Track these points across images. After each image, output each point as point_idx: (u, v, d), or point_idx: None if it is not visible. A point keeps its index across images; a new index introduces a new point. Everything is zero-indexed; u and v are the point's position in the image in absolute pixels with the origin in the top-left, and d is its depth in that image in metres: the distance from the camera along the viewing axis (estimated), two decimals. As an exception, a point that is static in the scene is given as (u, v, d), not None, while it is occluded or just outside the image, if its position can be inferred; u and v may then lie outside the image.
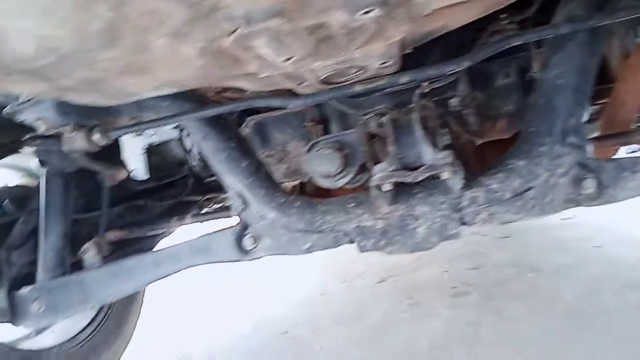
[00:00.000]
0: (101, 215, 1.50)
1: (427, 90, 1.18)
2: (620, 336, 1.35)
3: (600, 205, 1.05)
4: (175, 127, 1.79)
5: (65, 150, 1.18)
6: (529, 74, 1.30)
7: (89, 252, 1.34)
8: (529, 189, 0.96)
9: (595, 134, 1.34)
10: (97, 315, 1.69)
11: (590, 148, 0.98)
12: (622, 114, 1.32)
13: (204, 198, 1.95)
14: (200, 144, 1.13)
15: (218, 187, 1.82)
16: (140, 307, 1.91)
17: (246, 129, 1.59)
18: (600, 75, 1.37)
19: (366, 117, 1.25)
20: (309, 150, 0.98)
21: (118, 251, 1.46)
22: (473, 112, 1.35)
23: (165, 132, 1.93)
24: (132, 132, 1.16)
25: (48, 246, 1.36)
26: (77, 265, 1.42)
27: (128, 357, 1.87)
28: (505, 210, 0.96)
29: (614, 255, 2.26)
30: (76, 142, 1.11)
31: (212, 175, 1.77)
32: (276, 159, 1.58)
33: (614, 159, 1.05)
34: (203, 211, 1.76)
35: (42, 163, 1.34)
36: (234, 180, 1.08)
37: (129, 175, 1.81)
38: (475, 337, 1.53)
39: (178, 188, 1.86)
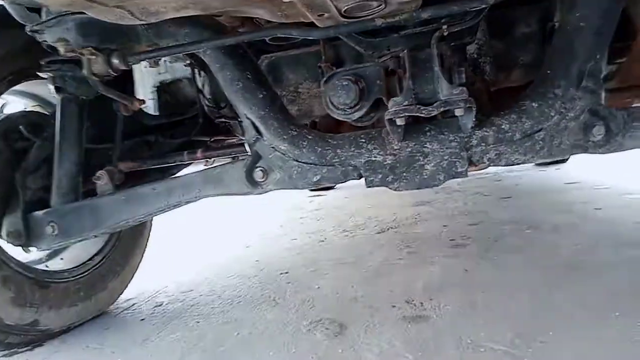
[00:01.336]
0: (114, 146, 1.52)
1: (445, 34, 1.16)
2: (612, 287, 1.39)
3: (607, 153, 1.07)
4: (188, 65, 1.79)
5: (84, 75, 1.19)
6: (550, 24, 1.29)
7: (102, 179, 1.37)
8: (539, 131, 0.97)
9: (612, 86, 1.35)
10: (104, 245, 1.74)
11: (603, 94, 0.99)
12: (638, 68, 1.32)
13: (212, 139, 1.97)
14: (217, 74, 1.14)
15: (227, 129, 1.84)
16: (147, 240, 1.96)
17: (261, 66, 1.59)
18: (624, 32, 1.37)
19: (382, 59, 1.24)
20: (326, 81, 0.99)
21: (130, 182, 1.50)
22: (490, 60, 1.35)
23: (178, 70, 1.93)
24: (150, 58, 1.17)
25: (62, 172, 1.39)
26: (90, 194, 1.46)
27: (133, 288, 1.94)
28: (513, 150, 0.98)
29: (614, 217, 2.30)
30: (95, 65, 1.12)
31: (222, 117, 1.78)
32: (288, 99, 1.59)
33: (625, 108, 1.06)
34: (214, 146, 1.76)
35: (58, 89, 1.35)
36: (248, 111, 1.10)
37: (141, 109, 1.83)
38: (471, 282, 1.58)
39: (187, 127, 1.87)
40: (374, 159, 1.03)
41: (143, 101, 1.50)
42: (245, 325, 1.45)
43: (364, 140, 1.05)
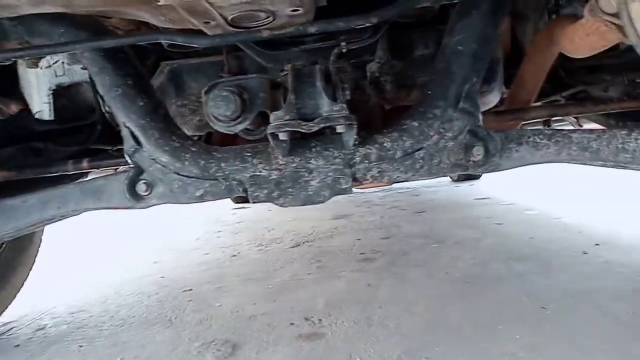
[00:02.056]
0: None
1: (344, 50, 1.16)
2: (499, 301, 1.45)
3: (486, 172, 1.11)
4: (86, 68, 1.67)
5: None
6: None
7: (-34, 189, 1.23)
8: (419, 149, 0.99)
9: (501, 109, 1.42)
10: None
11: (480, 116, 1.03)
12: (523, 92, 1.39)
13: (115, 148, 1.85)
14: (95, 78, 1.06)
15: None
16: (34, 257, 1.80)
17: (161, 76, 1.52)
18: (516, 59, 1.45)
19: (284, 73, 1.22)
20: (206, 91, 0.95)
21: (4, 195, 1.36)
22: (391, 79, 1.37)
23: (77, 73, 1.80)
24: (20, 57, 1.07)
25: None
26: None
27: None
28: (394, 168, 0.99)
29: (511, 232, 2.44)
30: (-45, 62, 1.00)
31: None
32: (189, 109, 1.52)
33: (502, 130, 1.11)
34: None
35: None
36: (127, 119, 1.03)
37: (29, 114, 1.68)
38: (372, 297, 1.59)
39: (85, 134, 1.75)
40: (259, 173, 1.00)
41: (23, 105, 1.37)
42: (131, 349, 1.35)
43: (249, 155, 1.01)
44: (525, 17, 1.52)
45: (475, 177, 5.25)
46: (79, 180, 1.23)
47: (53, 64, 1.89)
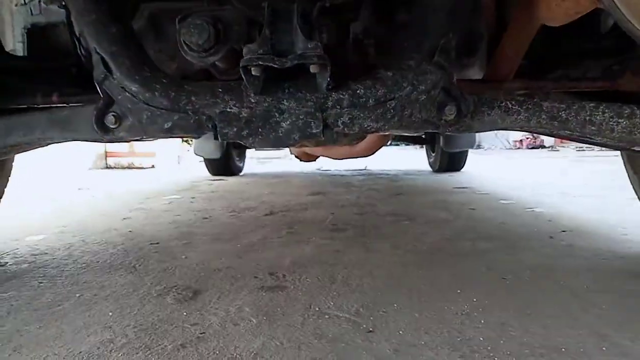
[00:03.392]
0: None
1: (327, 4, 1.15)
2: (461, 271, 1.48)
3: (456, 132, 1.12)
4: (63, 7, 1.63)
5: None
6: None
7: None
8: (391, 99, 0.99)
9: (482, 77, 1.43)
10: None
11: (454, 75, 1.04)
12: (502, 65, 1.40)
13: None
14: (69, 3, 1.04)
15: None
16: (3, 190, 1.75)
17: (140, 19, 1.49)
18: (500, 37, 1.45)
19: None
20: (180, 20, 0.94)
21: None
22: (373, 43, 1.36)
23: (54, 13, 1.75)
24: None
25: None
26: None
27: None
28: (366, 116, 0.99)
29: (483, 217, 2.48)
30: None
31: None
32: (168, 55, 1.50)
33: (477, 91, 1.12)
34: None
35: None
36: (98, 45, 1.01)
37: (2, 49, 1.64)
38: (337, 260, 1.60)
39: (59, 76, 1.70)
40: (229, 110, 0.99)
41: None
42: (91, 288, 1.34)
43: (221, 90, 1.00)
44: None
45: (456, 169, 5.32)
46: (46, 107, 1.19)
47: (29, 2, 1.84)
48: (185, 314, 1.15)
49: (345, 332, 1.04)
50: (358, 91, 0.99)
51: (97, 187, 4.30)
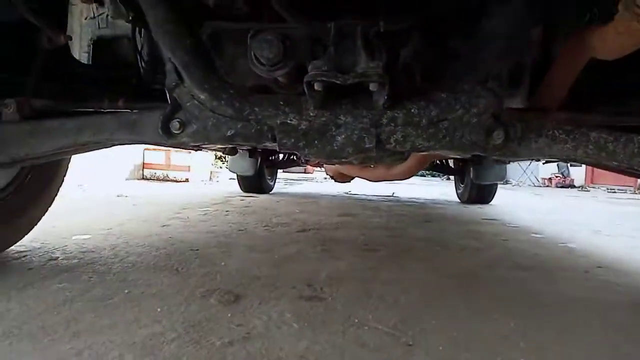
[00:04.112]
0: (29, 80, 1.45)
1: (382, 30, 1.21)
2: (499, 296, 1.48)
3: (503, 157, 1.16)
4: (129, 21, 1.75)
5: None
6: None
7: (9, 108, 1.30)
8: (443, 120, 1.04)
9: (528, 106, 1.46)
10: (4, 188, 1.64)
11: (505, 100, 1.08)
12: (548, 96, 1.43)
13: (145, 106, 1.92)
14: (148, 12, 1.12)
15: (162, 96, 1.81)
16: (54, 196, 1.86)
17: (203, 35, 1.58)
18: (544, 70, 1.49)
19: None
20: (252, 36, 1.01)
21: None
22: (421, 69, 1.41)
23: (119, 27, 1.88)
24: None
25: (-34, 93, 1.30)
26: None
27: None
28: (418, 134, 1.04)
29: (516, 247, 2.46)
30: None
31: (158, 83, 1.74)
32: (224, 71, 1.59)
33: (525, 119, 1.15)
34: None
35: (-24, 5, 1.28)
36: (172, 55, 1.09)
37: (74, 57, 1.76)
38: (373, 277, 1.62)
39: (120, 86, 1.82)
40: (289, 122, 1.05)
41: (69, 37, 1.44)
42: (139, 285, 1.40)
43: (282, 103, 1.07)
44: (558, 29, 1.56)
45: (485, 201, 5.28)
46: (115, 111, 1.28)
47: (97, 16, 1.98)
48: (229, 315, 1.19)
49: (385, 343, 1.06)
50: (412, 110, 1.04)
51: (135, 196, 4.44)
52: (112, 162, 6.33)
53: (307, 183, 9.32)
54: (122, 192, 4.74)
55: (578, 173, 14.84)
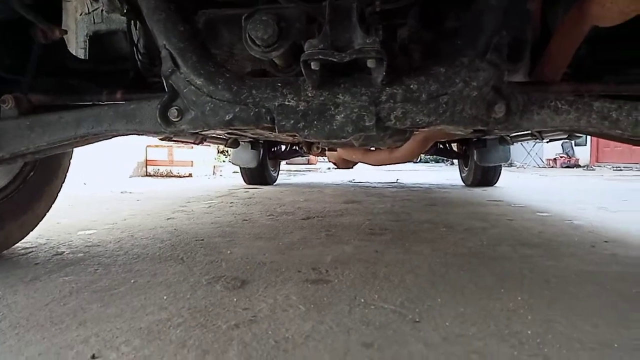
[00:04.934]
0: (26, 77, 1.44)
1: (377, 9, 1.20)
2: (504, 272, 1.48)
3: (505, 130, 1.15)
4: (124, 15, 1.73)
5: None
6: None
7: (7, 104, 1.30)
8: (443, 94, 1.03)
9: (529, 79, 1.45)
10: (5, 186, 1.64)
11: (506, 72, 1.06)
12: (549, 68, 1.42)
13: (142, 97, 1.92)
14: (141, 2, 1.12)
15: (160, 88, 1.80)
16: (57, 192, 1.86)
17: (198, 24, 1.57)
18: (543, 44, 1.47)
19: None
20: (247, 17, 1.00)
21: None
22: (418, 48, 1.40)
23: (114, 22, 1.87)
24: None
25: (-38, 90, 1.30)
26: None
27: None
28: (418, 110, 1.03)
29: (521, 226, 2.45)
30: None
31: (155, 75, 1.74)
32: (221, 59, 1.58)
33: (526, 91, 1.14)
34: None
35: (-30, 2, 1.27)
36: (167, 42, 1.09)
37: (69, 52, 1.75)
38: (378, 259, 1.62)
39: (116, 79, 1.81)
40: (287, 103, 1.04)
41: (65, 31, 1.43)
42: (144, 275, 1.41)
43: (279, 85, 1.06)
44: (557, 1, 1.54)
45: (489, 183, 5.26)
46: (113, 103, 1.28)
47: (92, 11, 1.97)
48: (235, 300, 1.20)
49: (392, 321, 1.06)
50: (411, 86, 1.03)
51: (140, 192, 4.46)
52: (115, 160, 6.35)
53: (311, 173, 9.32)
54: (126, 188, 4.75)
55: (583, 153, 14.75)
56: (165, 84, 1.13)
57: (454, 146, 5.54)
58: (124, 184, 5.55)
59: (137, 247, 1.80)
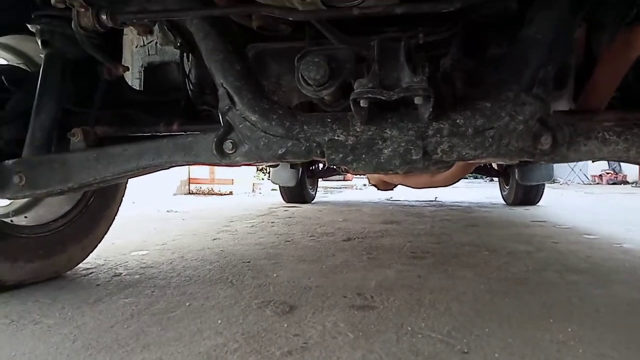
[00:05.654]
0: (92, 111, 1.56)
1: (421, 42, 1.24)
2: (551, 300, 1.46)
3: (552, 162, 1.16)
4: (178, 47, 1.85)
5: (73, 31, 1.24)
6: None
7: (76, 137, 1.40)
8: (490, 129, 1.05)
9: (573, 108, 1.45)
10: (69, 211, 1.76)
11: (551, 105, 1.08)
12: (594, 97, 1.42)
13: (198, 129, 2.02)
14: (200, 43, 1.20)
15: (210, 117, 1.89)
16: (114, 215, 1.98)
17: (248, 57, 1.66)
18: (588, 70, 1.47)
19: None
20: (299, 57, 1.06)
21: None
22: (461, 76, 1.43)
23: (168, 53, 1.99)
24: (137, 19, 1.22)
25: (37, 124, 1.42)
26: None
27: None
28: (465, 144, 1.05)
29: (567, 250, 2.40)
30: (84, 19, 1.17)
31: (205, 104, 1.84)
32: (269, 90, 1.65)
33: (572, 122, 1.15)
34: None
35: (45, 44, 1.40)
36: (225, 80, 1.16)
37: (126, 84, 1.88)
38: (422, 285, 1.64)
39: (170, 108, 1.92)
40: (336, 138, 1.09)
41: (127, 68, 1.55)
42: (198, 298, 1.47)
43: (329, 120, 1.11)
44: (602, 27, 1.54)
45: (531, 202, 5.14)
46: (171, 135, 1.36)
47: (147, 43, 2.10)
48: (285, 325, 1.24)
49: (440, 351, 1.08)
50: (458, 121, 1.06)
51: (184, 210, 4.61)
52: (160, 178, 6.58)
53: (347, 191, 9.35)
54: (171, 207, 4.92)
55: (631, 168, 14.16)
56: (221, 119, 1.21)
57: (494, 164, 5.46)
58: (168, 202, 5.75)
59: (188, 268, 1.89)
